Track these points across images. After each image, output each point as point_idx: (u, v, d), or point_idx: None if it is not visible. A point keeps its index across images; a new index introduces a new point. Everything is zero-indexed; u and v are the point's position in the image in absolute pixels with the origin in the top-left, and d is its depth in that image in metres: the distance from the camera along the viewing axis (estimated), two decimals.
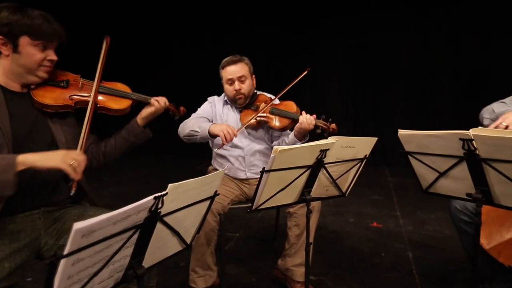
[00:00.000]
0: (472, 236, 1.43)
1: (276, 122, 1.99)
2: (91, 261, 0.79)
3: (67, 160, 1.16)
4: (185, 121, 2.04)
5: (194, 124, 1.99)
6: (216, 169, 2.13)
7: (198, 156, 4.02)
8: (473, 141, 1.15)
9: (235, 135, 1.89)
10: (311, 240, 1.90)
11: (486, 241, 1.38)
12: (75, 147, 1.32)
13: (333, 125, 1.95)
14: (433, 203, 3.17)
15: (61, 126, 1.39)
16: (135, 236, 0.88)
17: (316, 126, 1.90)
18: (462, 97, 4.57)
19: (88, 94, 1.41)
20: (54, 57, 1.33)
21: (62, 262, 0.71)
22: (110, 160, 1.53)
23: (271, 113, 2.01)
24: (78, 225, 0.70)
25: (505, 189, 1.18)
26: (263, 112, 2.00)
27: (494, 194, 1.22)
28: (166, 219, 0.97)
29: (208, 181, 1.09)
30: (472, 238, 1.40)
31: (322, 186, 1.47)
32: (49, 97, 1.36)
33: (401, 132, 1.35)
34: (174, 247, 1.10)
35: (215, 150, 2.09)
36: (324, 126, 1.92)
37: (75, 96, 1.41)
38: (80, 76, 1.47)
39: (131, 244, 0.89)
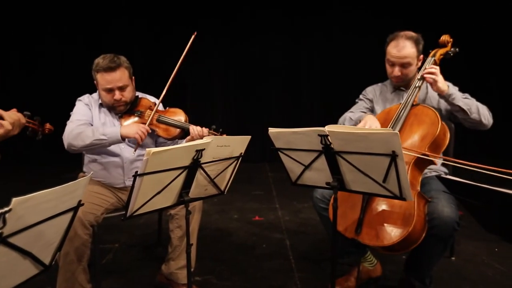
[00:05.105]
0: (329, 219, 1.66)
1: (164, 131, 1.92)
2: None
3: None
4: (71, 131, 1.78)
5: (95, 132, 1.75)
6: None
7: (67, 162, 3.55)
8: (328, 136, 1.33)
9: (148, 131, 1.81)
10: (194, 240, 1.90)
11: (338, 223, 1.60)
12: None
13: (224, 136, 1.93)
14: (306, 194, 3.46)
15: None
16: None
17: None
18: (329, 96, 5.15)
19: None
20: None
21: None
22: None
23: (159, 121, 1.92)
24: None
25: (353, 176, 1.39)
26: (150, 121, 1.88)
27: (346, 181, 1.43)
28: (11, 240, 0.83)
29: (69, 191, 0.97)
30: (329, 222, 1.63)
31: (200, 186, 1.48)
32: None
33: (271, 130, 1.47)
34: (27, 271, 0.95)
35: (133, 153, 1.87)
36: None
37: None
38: None
39: None
